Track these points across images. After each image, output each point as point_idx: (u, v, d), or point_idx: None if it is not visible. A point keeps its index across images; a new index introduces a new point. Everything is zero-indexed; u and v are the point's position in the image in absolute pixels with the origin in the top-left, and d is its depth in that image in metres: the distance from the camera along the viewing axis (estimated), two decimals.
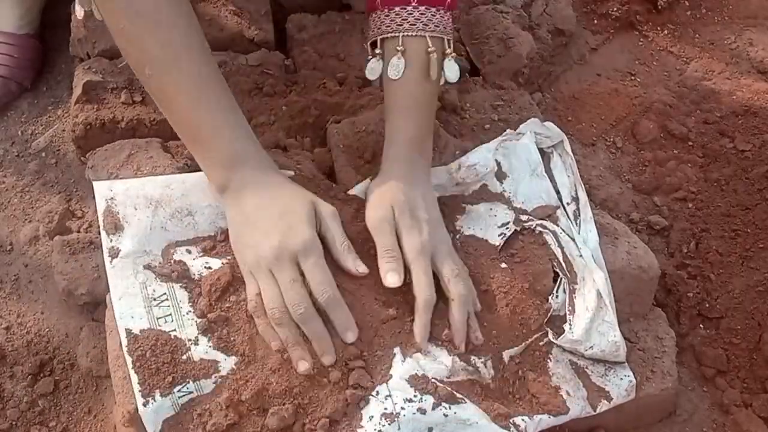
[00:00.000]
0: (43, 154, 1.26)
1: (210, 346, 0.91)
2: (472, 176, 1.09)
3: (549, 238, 1.04)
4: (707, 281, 1.23)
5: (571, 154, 1.13)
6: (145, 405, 0.86)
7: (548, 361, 0.98)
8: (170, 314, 0.92)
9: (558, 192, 1.10)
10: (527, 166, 1.11)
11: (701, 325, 1.20)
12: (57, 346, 1.08)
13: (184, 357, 0.89)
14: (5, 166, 1.25)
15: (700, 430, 1.10)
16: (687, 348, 1.18)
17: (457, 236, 1.04)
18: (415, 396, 0.88)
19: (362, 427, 0.87)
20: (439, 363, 0.91)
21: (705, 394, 1.14)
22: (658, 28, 1.59)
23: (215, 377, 0.89)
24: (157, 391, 0.87)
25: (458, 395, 0.90)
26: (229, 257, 0.97)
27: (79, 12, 1.14)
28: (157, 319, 0.92)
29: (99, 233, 1.00)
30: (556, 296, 1.00)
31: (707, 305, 1.21)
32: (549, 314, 0.99)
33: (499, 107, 1.26)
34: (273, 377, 0.88)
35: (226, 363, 0.90)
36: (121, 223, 0.98)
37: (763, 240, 1.26)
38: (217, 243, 0.99)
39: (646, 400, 1.03)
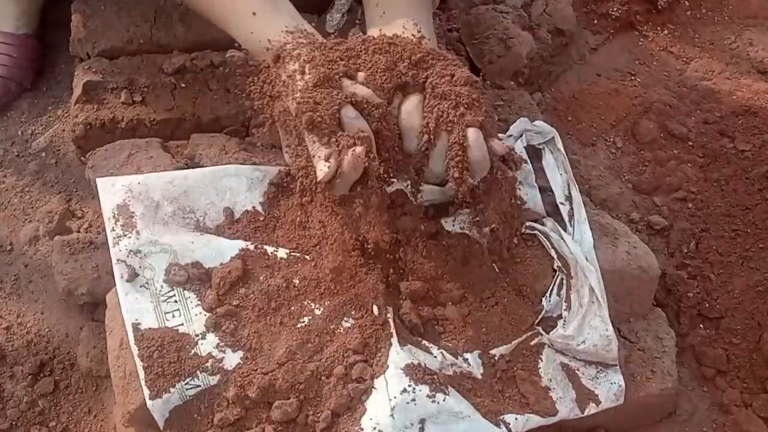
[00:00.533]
0: (43, 154, 1.26)
1: (217, 341, 0.92)
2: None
3: (541, 238, 1.04)
4: (707, 281, 1.23)
5: (563, 152, 1.13)
6: (152, 399, 0.88)
7: (539, 361, 0.98)
8: (178, 309, 0.93)
9: (551, 191, 1.10)
10: (518, 175, 1.11)
11: (701, 325, 1.20)
12: (57, 346, 1.09)
13: (192, 352, 0.90)
14: (5, 166, 1.25)
15: (700, 430, 1.10)
16: (687, 348, 1.18)
17: (443, 232, 1.05)
18: (409, 386, 0.89)
19: (362, 419, 0.88)
20: (431, 355, 0.93)
21: (705, 394, 1.14)
22: (658, 28, 1.59)
23: (222, 371, 0.90)
24: (164, 391, 0.88)
25: (450, 388, 0.91)
26: (239, 242, 0.98)
27: None
28: (165, 314, 0.93)
29: (99, 233, 1.00)
30: (550, 298, 1.00)
31: (707, 305, 1.21)
32: (541, 315, 1.00)
33: (499, 107, 1.26)
34: (279, 372, 0.90)
35: (234, 357, 0.91)
36: (125, 220, 0.98)
37: (763, 240, 1.26)
38: (221, 232, 1.00)
39: (646, 400, 1.03)
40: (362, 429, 0.88)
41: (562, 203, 1.09)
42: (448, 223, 1.07)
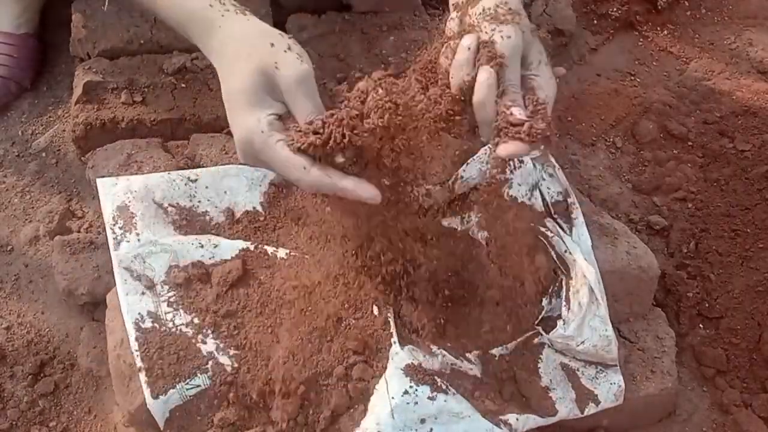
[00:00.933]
0: (44, 154, 1.26)
1: (217, 341, 0.92)
2: (465, 188, 1.10)
3: (541, 238, 1.04)
4: (707, 281, 1.23)
5: (554, 162, 1.12)
6: (152, 399, 0.88)
7: (539, 361, 0.99)
8: (178, 309, 0.93)
9: (549, 189, 1.10)
10: (519, 176, 1.11)
11: (701, 325, 1.20)
12: (57, 346, 1.09)
13: (192, 353, 0.91)
14: (5, 166, 1.25)
15: (700, 430, 1.10)
16: (687, 348, 1.18)
17: (444, 232, 1.05)
18: (410, 387, 0.89)
19: (362, 419, 0.88)
20: (431, 355, 0.93)
21: (705, 394, 1.14)
22: (658, 28, 1.59)
23: (222, 371, 0.90)
24: (164, 391, 0.88)
25: (451, 388, 0.91)
26: (239, 242, 0.97)
27: None
28: (165, 314, 0.93)
29: (99, 233, 1.00)
30: (549, 300, 1.00)
31: (707, 305, 1.21)
32: (541, 315, 1.00)
33: None
34: (279, 372, 0.89)
35: (234, 357, 0.91)
36: (126, 220, 0.98)
37: (763, 240, 1.26)
38: (221, 232, 1.00)
39: (646, 400, 1.03)
40: (362, 429, 0.88)
41: (559, 202, 1.09)
42: (449, 223, 1.07)
